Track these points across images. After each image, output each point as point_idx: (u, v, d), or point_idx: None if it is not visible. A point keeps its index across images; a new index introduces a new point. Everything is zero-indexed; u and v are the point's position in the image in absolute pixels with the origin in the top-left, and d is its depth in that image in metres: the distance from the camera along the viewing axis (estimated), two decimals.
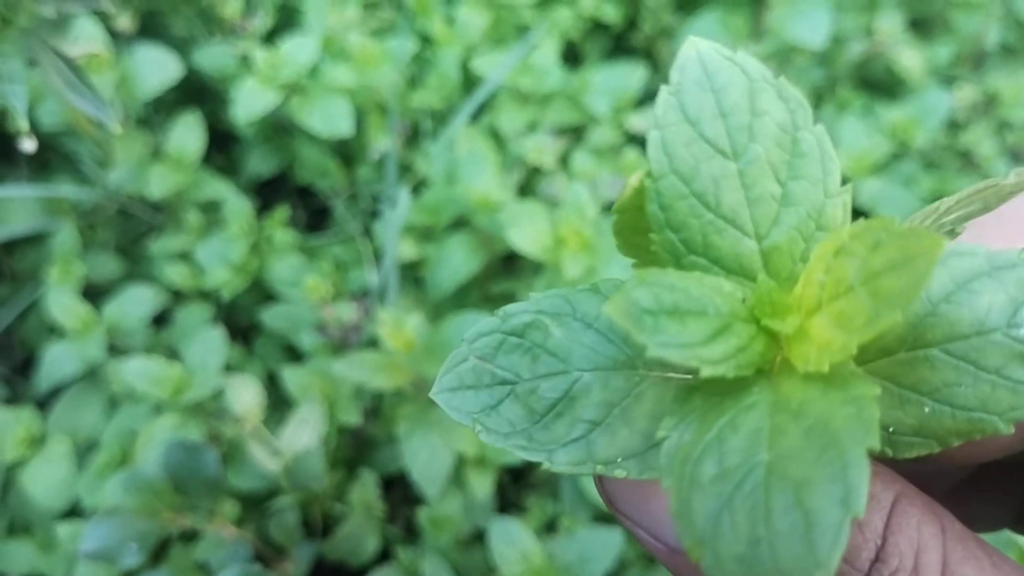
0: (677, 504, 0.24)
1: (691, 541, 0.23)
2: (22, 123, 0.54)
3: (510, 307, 0.30)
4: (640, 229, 0.28)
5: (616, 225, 0.29)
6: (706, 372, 0.24)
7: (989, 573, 0.26)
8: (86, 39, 0.97)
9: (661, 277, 0.25)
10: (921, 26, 1.39)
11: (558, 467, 0.28)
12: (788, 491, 0.22)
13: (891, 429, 0.26)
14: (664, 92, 0.27)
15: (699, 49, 0.27)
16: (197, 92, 1.20)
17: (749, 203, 0.27)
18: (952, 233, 0.30)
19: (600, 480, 0.30)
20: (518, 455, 0.28)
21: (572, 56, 1.33)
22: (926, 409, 0.26)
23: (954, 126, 1.31)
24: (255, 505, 0.90)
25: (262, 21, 1.16)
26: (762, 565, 0.22)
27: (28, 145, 0.65)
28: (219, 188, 1.13)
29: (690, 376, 0.27)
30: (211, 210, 1.15)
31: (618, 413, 0.28)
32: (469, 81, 1.21)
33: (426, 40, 1.23)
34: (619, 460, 0.28)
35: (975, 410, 0.25)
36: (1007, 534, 0.86)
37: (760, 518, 0.23)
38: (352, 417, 0.95)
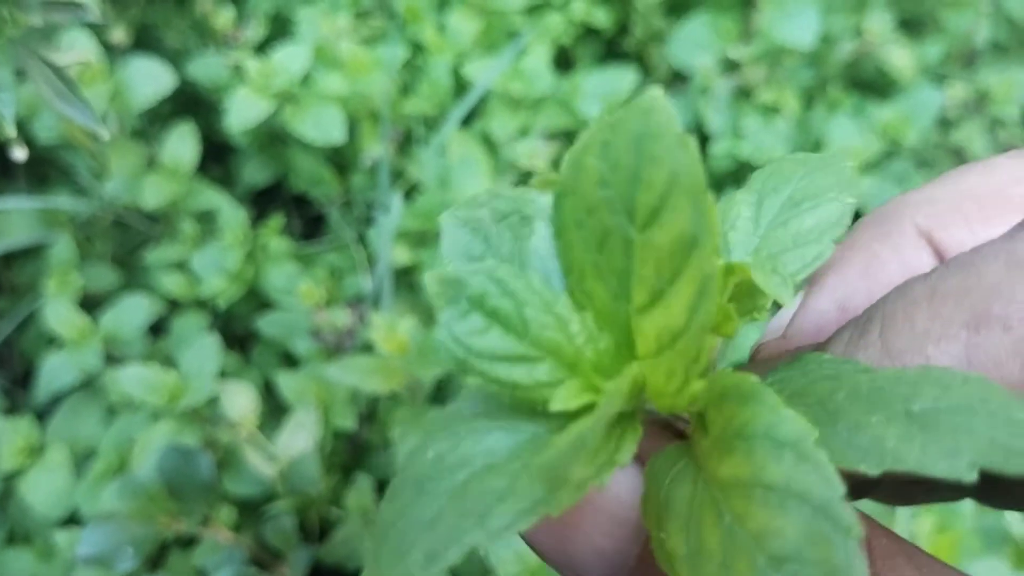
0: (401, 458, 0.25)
1: (386, 503, 0.24)
2: (10, 130, 0.54)
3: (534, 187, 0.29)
4: None
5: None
6: (469, 381, 0.24)
7: None
8: (75, 48, 0.98)
9: (512, 280, 0.24)
10: (911, 25, 1.39)
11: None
12: (444, 512, 0.22)
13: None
14: (600, 120, 0.24)
15: (658, 103, 0.23)
16: (191, 103, 1.21)
17: (633, 278, 0.24)
18: None
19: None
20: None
21: (564, 62, 1.34)
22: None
23: (946, 124, 1.31)
24: (252, 510, 0.90)
25: (255, 31, 1.17)
26: (387, 543, 0.23)
27: (19, 154, 0.66)
28: (214, 198, 1.14)
29: None
30: (206, 220, 1.15)
31: None
32: (461, 88, 1.22)
33: (417, 47, 1.24)
34: None
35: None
36: (1003, 527, 0.86)
37: (415, 513, 0.23)
38: (347, 422, 0.96)
